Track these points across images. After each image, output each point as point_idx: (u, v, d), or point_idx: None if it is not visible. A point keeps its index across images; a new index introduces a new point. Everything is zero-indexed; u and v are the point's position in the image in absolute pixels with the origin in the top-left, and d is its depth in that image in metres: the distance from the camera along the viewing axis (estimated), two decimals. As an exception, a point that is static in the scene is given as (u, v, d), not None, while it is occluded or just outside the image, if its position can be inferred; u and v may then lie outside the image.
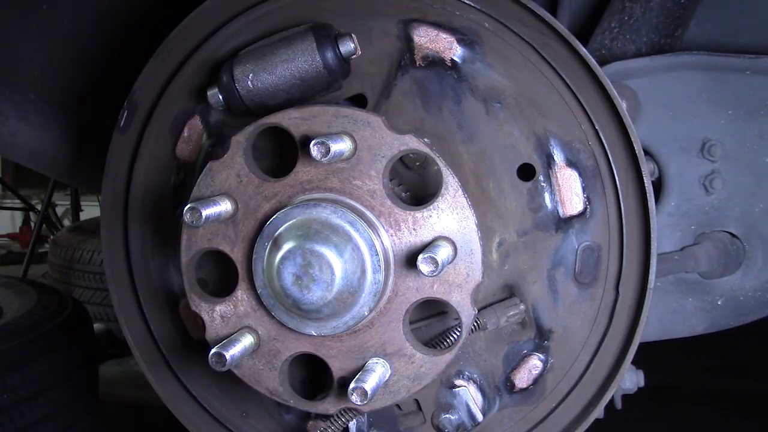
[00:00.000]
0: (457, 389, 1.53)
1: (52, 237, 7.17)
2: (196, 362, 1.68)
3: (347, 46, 1.40)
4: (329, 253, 1.26)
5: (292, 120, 1.33)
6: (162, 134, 1.63)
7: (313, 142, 1.22)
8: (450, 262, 1.28)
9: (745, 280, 1.82)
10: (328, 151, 1.22)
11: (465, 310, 1.31)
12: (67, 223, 8.87)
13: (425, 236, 1.30)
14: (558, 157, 1.44)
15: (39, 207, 7.97)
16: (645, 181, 1.38)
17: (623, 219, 1.42)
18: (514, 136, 1.44)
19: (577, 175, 1.44)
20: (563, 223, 1.46)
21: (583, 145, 1.43)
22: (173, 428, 1.81)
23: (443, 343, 1.45)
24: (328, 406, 1.40)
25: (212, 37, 1.55)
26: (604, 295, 1.46)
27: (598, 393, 1.48)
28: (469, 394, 1.52)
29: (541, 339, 1.50)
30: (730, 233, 1.81)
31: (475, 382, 1.53)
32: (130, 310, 1.72)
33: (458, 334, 1.41)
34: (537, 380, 1.51)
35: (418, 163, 1.50)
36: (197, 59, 1.57)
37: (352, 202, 1.31)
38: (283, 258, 1.28)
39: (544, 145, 1.44)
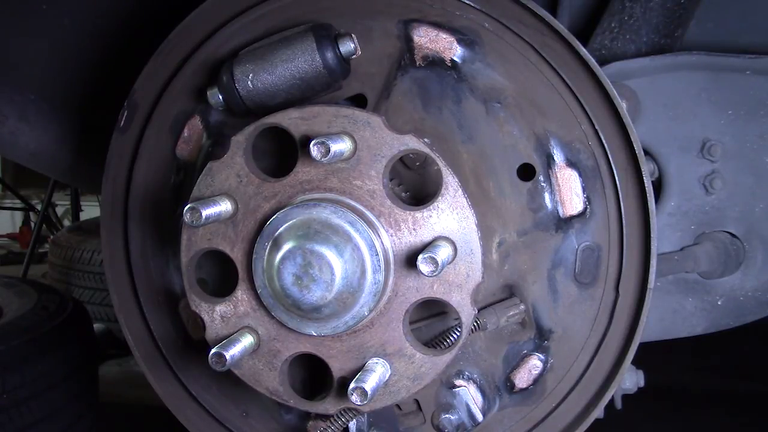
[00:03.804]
0: (457, 389, 1.53)
1: (52, 237, 7.17)
2: (196, 362, 1.68)
3: (347, 46, 1.40)
4: (329, 253, 1.26)
5: (292, 120, 1.33)
6: (162, 134, 1.63)
7: (313, 142, 1.22)
8: (450, 262, 1.28)
9: (745, 280, 1.82)
10: (328, 151, 1.22)
11: (465, 310, 1.31)
12: (67, 223, 8.87)
13: (425, 236, 1.30)
14: (558, 157, 1.44)
15: (39, 207, 7.97)
16: (645, 181, 1.38)
17: (623, 219, 1.42)
18: (514, 136, 1.44)
19: (577, 175, 1.44)
20: (563, 223, 1.46)
21: (583, 145, 1.43)
22: (173, 428, 1.81)
23: (443, 343, 1.45)
24: (328, 406, 1.40)
25: (212, 37, 1.55)
26: (604, 295, 1.46)
27: (598, 393, 1.48)
28: (469, 394, 1.52)
29: (541, 339, 1.50)
30: (730, 233, 1.81)
31: (475, 382, 1.53)
32: (130, 310, 1.72)
33: (458, 334, 1.41)
34: (537, 380, 1.51)
35: (418, 163, 1.50)
36: (197, 59, 1.57)
37: (352, 202, 1.31)
38: (283, 258, 1.28)
39: (544, 145, 1.44)
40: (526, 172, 1.46)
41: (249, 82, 1.41)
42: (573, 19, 1.99)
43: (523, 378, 1.52)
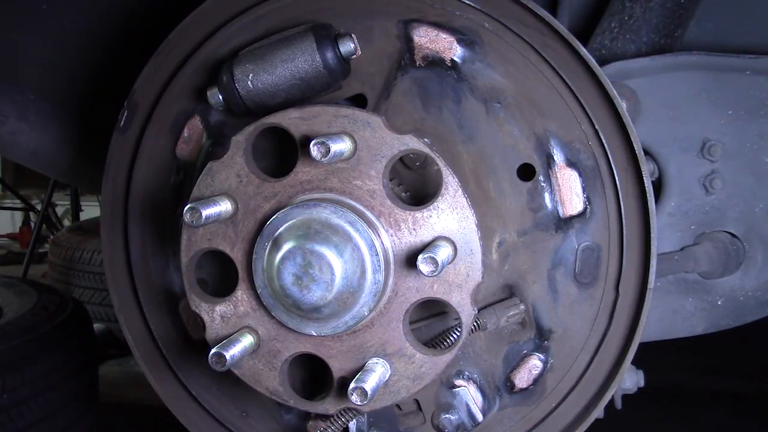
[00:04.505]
0: (457, 389, 1.53)
1: (52, 237, 7.17)
2: (196, 362, 1.68)
3: (347, 46, 1.40)
4: (329, 253, 1.26)
5: (292, 120, 1.33)
6: (162, 134, 1.63)
7: (313, 142, 1.22)
8: (450, 262, 1.28)
9: (745, 280, 1.82)
10: (328, 151, 1.22)
11: (465, 310, 1.31)
12: (67, 223, 8.87)
13: (425, 236, 1.30)
14: (558, 157, 1.44)
15: (39, 207, 7.97)
16: (645, 181, 1.38)
17: (623, 219, 1.42)
18: (514, 136, 1.44)
19: (577, 175, 1.44)
20: (563, 223, 1.46)
21: (583, 145, 1.43)
22: (173, 428, 1.81)
23: (443, 343, 1.45)
24: (328, 406, 1.40)
25: (212, 37, 1.55)
26: (604, 295, 1.46)
27: (598, 393, 1.48)
28: (469, 394, 1.52)
29: (541, 339, 1.50)
30: (730, 233, 1.81)
31: (475, 382, 1.53)
32: (130, 310, 1.72)
33: (458, 334, 1.41)
34: (537, 380, 1.51)
35: (418, 163, 1.50)
36: (197, 59, 1.56)
37: (352, 202, 1.31)
38: (283, 258, 1.28)
39: (544, 145, 1.44)
40: (526, 172, 1.46)
41: (249, 82, 1.41)
42: (573, 19, 1.99)
43: (523, 378, 1.52)
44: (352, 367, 1.36)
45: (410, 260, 1.30)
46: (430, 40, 1.44)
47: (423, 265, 1.21)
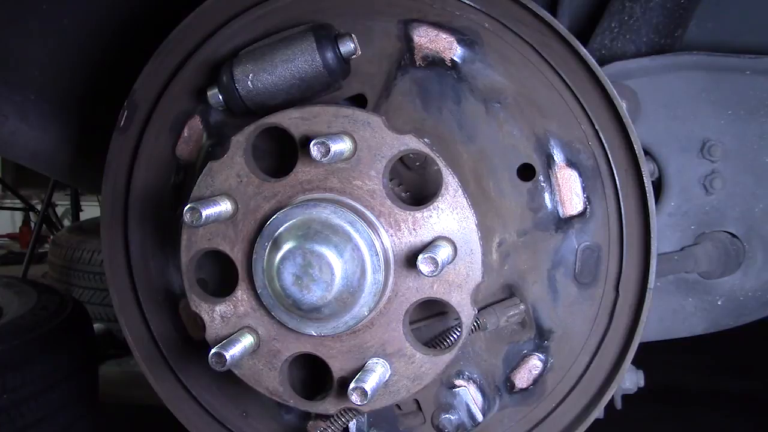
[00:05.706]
0: (457, 389, 1.53)
1: (52, 237, 7.17)
2: (196, 362, 1.68)
3: (347, 46, 1.40)
4: (329, 253, 1.26)
5: (292, 120, 1.34)
6: (162, 134, 1.63)
7: (313, 142, 1.22)
8: (450, 262, 1.28)
9: (745, 280, 1.82)
10: (328, 151, 1.22)
11: (465, 310, 1.31)
12: (67, 223, 8.87)
13: (425, 236, 1.30)
14: (558, 157, 1.44)
15: (39, 207, 7.97)
16: (645, 181, 1.38)
17: (623, 219, 1.42)
18: (514, 136, 1.44)
19: (577, 175, 1.44)
20: (563, 223, 1.46)
21: (583, 145, 1.43)
22: (173, 428, 1.81)
23: (443, 343, 1.45)
24: (328, 406, 1.40)
25: (212, 37, 1.55)
26: (604, 295, 1.46)
27: (598, 393, 1.48)
28: (469, 394, 1.52)
29: (541, 339, 1.50)
30: (730, 233, 1.81)
31: (475, 382, 1.53)
32: (130, 310, 1.72)
33: (458, 334, 1.41)
34: (537, 380, 1.51)
35: (418, 163, 1.50)
36: (197, 59, 1.57)
37: (352, 202, 1.31)
38: (283, 258, 1.28)
39: (544, 145, 1.44)
40: (526, 172, 1.46)
41: (249, 82, 1.41)
42: (573, 19, 1.99)
43: (523, 378, 1.52)
44: (352, 367, 1.36)
45: (410, 260, 1.30)
46: (430, 40, 1.44)
47: (423, 265, 1.21)
